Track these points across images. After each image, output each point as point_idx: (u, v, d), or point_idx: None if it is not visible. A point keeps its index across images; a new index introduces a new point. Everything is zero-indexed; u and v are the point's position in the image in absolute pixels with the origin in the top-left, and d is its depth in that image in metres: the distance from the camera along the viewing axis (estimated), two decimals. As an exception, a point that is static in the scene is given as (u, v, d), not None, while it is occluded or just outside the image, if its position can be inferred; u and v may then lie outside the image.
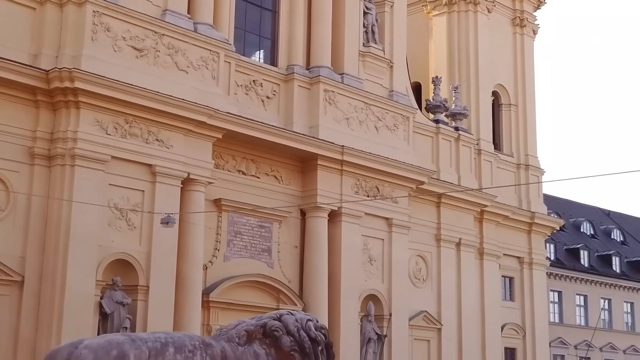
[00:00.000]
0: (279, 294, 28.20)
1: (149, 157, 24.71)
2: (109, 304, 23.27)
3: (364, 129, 31.17)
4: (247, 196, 28.00)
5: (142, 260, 24.19)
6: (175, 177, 25.20)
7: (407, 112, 32.92)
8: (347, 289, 29.45)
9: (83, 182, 23.19)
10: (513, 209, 37.37)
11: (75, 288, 22.57)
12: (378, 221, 31.04)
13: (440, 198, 34.05)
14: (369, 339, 30.03)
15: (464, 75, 37.79)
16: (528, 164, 39.10)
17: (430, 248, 33.92)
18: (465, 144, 36.07)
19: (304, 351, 11.94)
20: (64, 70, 23.13)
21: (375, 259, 30.84)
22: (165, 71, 25.50)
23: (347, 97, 30.76)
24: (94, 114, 23.75)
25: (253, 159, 28.60)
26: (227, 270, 27.27)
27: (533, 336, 37.58)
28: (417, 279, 33.26)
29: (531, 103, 40.14)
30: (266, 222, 28.76)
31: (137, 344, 10.31)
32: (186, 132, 25.62)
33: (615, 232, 57.19)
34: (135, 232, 24.26)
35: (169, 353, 10.54)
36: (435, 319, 33.26)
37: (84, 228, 22.97)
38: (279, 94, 29.39)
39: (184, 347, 10.77)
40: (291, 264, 29.23)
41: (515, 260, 38.00)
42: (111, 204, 23.80)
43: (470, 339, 34.33)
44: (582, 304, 48.87)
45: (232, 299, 26.89)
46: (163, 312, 24.14)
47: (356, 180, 30.52)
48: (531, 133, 39.79)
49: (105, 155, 23.71)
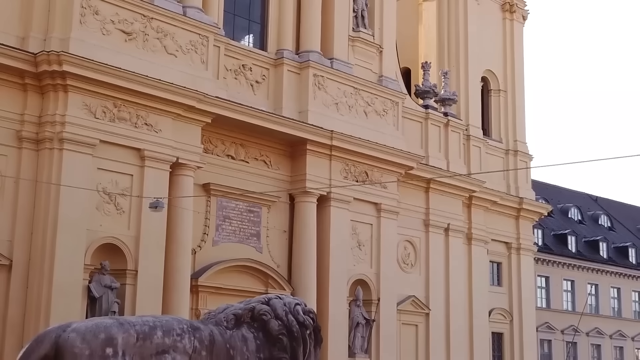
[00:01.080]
0: (268, 279, 28.26)
1: (138, 142, 24.65)
2: (97, 288, 23.25)
3: (353, 114, 31.17)
4: (236, 181, 27.99)
5: (131, 244, 24.17)
6: (164, 162, 25.15)
7: (397, 97, 32.93)
8: (336, 274, 29.53)
9: (71, 166, 23.12)
10: (501, 195, 37.51)
11: (63, 272, 22.54)
12: (367, 206, 31.10)
13: (429, 183, 34.13)
14: (357, 324, 30.15)
15: (453, 60, 37.79)
16: (517, 150, 39.21)
17: (418, 233, 34.03)
18: (454, 129, 36.13)
19: (292, 335, 12.00)
20: (52, 54, 23.00)
21: (363, 243, 30.93)
22: (154, 55, 25.39)
23: (337, 82, 30.74)
24: (82, 98, 23.64)
25: (242, 144, 28.57)
26: (215, 255, 27.29)
27: (520, 321, 37.81)
28: (406, 264, 33.37)
29: (520, 89, 40.22)
30: (255, 207, 28.78)
31: (125, 328, 10.35)
32: (175, 117, 25.55)
33: (603, 217, 57.48)
34: (123, 216, 24.22)
35: (157, 336, 10.58)
36: (424, 303, 33.42)
37: (72, 212, 22.93)
38: (268, 79, 29.34)
39: (172, 330, 10.81)
40: (280, 249, 29.28)
41: (503, 245, 38.18)
42: (99, 188, 23.74)
43: (458, 324, 34.52)
44: (569, 289, 49.17)
45: (221, 283, 26.93)
46: (151, 296, 24.14)
47: (345, 165, 30.55)
48: (520, 119, 39.90)
49: (93, 139, 23.62)
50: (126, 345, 10.23)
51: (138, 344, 10.35)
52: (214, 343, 11.16)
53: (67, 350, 9.92)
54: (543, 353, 46.02)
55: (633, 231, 58.66)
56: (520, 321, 37.79)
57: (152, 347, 10.48)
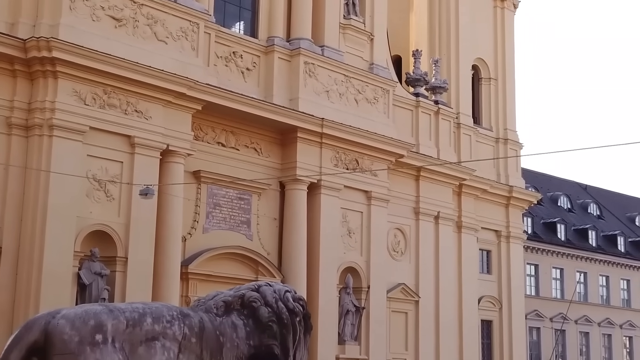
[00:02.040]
0: (258, 266, 28.28)
1: (128, 128, 24.59)
2: (87, 275, 23.23)
3: (344, 102, 31.16)
4: (226, 168, 27.98)
5: (121, 231, 24.15)
6: (154, 149, 25.10)
7: (387, 85, 32.91)
8: (326, 261, 29.59)
9: (61, 153, 23.06)
10: (491, 183, 37.59)
11: (53, 259, 22.52)
12: (357, 194, 31.14)
13: (419, 171, 34.17)
14: (347, 311, 30.24)
15: (444, 48, 37.78)
16: (507, 138, 39.27)
17: (409, 221, 34.09)
18: (445, 117, 36.16)
19: (281, 322, 12.01)
20: (41, 40, 22.89)
21: (354, 231, 30.98)
22: (144, 41, 25.30)
23: (328, 69, 30.70)
24: (72, 84, 23.56)
25: (233, 131, 28.53)
26: (206, 242, 27.29)
27: (509, 309, 37.97)
28: (396, 252, 33.45)
29: (511, 77, 40.24)
30: (245, 194, 28.77)
31: (114, 314, 10.34)
32: (165, 104, 25.49)
33: (592, 206, 57.70)
34: (113, 203, 24.19)
35: (147, 323, 10.57)
36: (413, 291, 33.52)
37: (62, 199, 22.88)
38: (259, 66, 29.28)
39: (162, 317, 10.80)
40: (270, 236, 29.30)
41: (492, 233, 38.29)
42: (89, 175, 23.70)
43: (448, 312, 34.64)
44: (558, 277, 49.38)
45: (211, 270, 26.94)
46: (141, 283, 24.15)
47: (336, 153, 30.56)
48: (510, 107, 39.94)
49: (83, 125, 23.56)
50: (116, 331, 10.22)
51: (128, 331, 10.35)
52: (203, 330, 11.16)
53: (57, 336, 9.90)
54: (532, 340, 46.27)
55: (622, 220, 58.94)
56: (510, 309, 37.95)
57: (142, 333, 10.48)
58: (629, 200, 63.43)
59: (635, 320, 52.69)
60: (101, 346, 10.02)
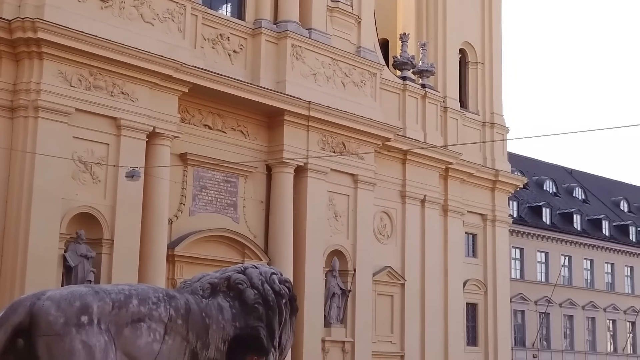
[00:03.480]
0: (244, 249, 28.31)
1: (114, 110, 24.49)
2: (73, 257, 23.20)
3: (331, 85, 31.12)
4: (213, 151, 27.93)
5: (107, 213, 24.10)
6: (140, 131, 25.02)
7: (374, 68, 32.88)
8: (312, 244, 29.65)
9: (46, 135, 22.95)
10: (477, 167, 37.69)
11: (38, 241, 22.46)
12: (344, 177, 31.17)
13: (406, 155, 34.20)
14: (333, 294, 30.34)
15: (431, 32, 37.75)
16: (493, 122, 39.34)
17: (395, 204, 34.16)
18: (432, 101, 36.17)
19: (267, 304, 12.03)
20: (26, 20, 22.72)
21: (340, 214, 31.02)
22: (130, 23, 25.15)
23: (315, 52, 30.63)
24: (57, 66, 23.41)
25: (219, 114, 28.46)
26: (192, 225, 27.28)
27: (494, 292, 38.17)
28: (382, 235, 33.53)
29: (497, 61, 40.28)
30: (232, 177, 28.74)
31: (100, 296, 10.32)
32: (152, 86, 25.38)
33: (577, 190, 57.96)
34: (99, 185, 24.12)
35: (133, 305, 10.57)
36: (399, 274, 33.64)
37: (47, 181, 22.79)
38: (246, 49, 29.18)
39: (148, 299, 10.79)
40: (257, 219, 29.31)
41: (478, 217, 38.43)
42: (75, 157, 23.61)
43: (433, 295, 34.80)
44: (543, 261, 49.66)
45: (197, 253, 26.94)
46: (128, 265, 24.13)
47: (322, 136, 30.54)
48: (497, 91, 39.99)
49: (69, 107, 23.44)
50: (101, 313, 10.21)
51: (113, 312, 10.34)
52: (189, 312, 11.16)
53: (42, 318, 9.88)
54: (516, 323, 46.57)
55: (607, 204, 59.27)
56: (495, 292, 38.16)
57: (128, 315, 10.47)
58: (614, 185, 63.78)
59: (618, 303, 53.12)
60: (87, 327, 10.01)
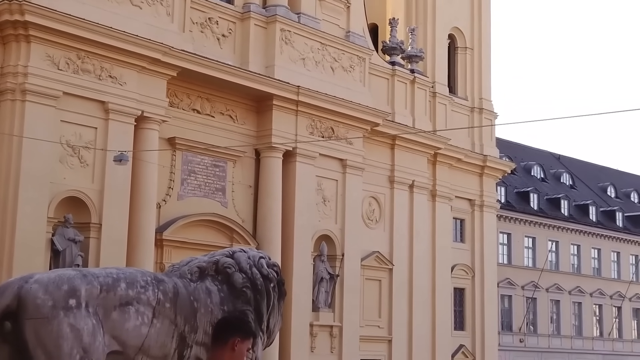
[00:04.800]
0: (233, 233, 28.32)
1: (102, 94, 24.40)
2: (61, 241, 23.16)
3: (320, 70, 31.07)
4: (201, 135, 27.87)
5: (95, 197, 24.05)
6: (128, 115, 24.94)
7: (363, 53, 32.85)
8: (301, 229, 29.69)
9: (34, 118, 22.85)
10: (466, 152, 37.76)
11: (26, 225, 22.40)
12: (332, 162, 31.19)
13: (395, 140, 34.23)
14: (322, 279, 30.42)
15: (420, 17, 37.70)
16: (482, 108, 39.39)
17: (383, 189, 34.22)
18: (421, 86, 36.18)
19: (255, 288, 12.06)
20: (13, 3, 22.56)
21: (329, 199, 31.06)
22: (118, 6, 25.01)
23: (304, 37, 30.56)
24: (45, 49, 23.29)
25: (208, 98, 28.39)
26: (180, 209, 27.26)
27: (482, 277, 38.36)
28: (370, 220, 33.60)
29: (486, 47, 40.28)
30: (220, 162, 28.71)
31: (88, 279, 10.33)
32: (140, 69, 25.29)
33: (565, 176, 58.15)
34: (87, 169, 24.06)
35: (121, 288, 10.58)
36: (387, 259, 33.74)
37: (35, 164, 22.72)
38: (234, 33, 29.08)
39: (136, 282, 10.81)
40: (245, 204, 29.31)
41: (466, 202, 38.54)
42: (63, 141, 23.52)
43: (421, 279, 34.93)
44: (530, 246, 49.89)
45: (186, 237, 26.94)
46: (116, 250, 24.12)
47: (311, 120, 30.52)
48: (486, 77, 40.02)
49: (56, 91, 23.34)
50: (89, 296, 10.22)
51: (101, 296, 10.35)
52: (177, 295, 11.19)
53: (30, 301, 9.88)
54: (503, 308, 46.82)
55: (594, 189, 59.52)
56: (482, 277, 38.34)
57: (116, 298, 10.49)
58: (601, 171, 64.03)
59: (605, 288, 53.47)
60: (75, 311, 10.02)
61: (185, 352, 11.15)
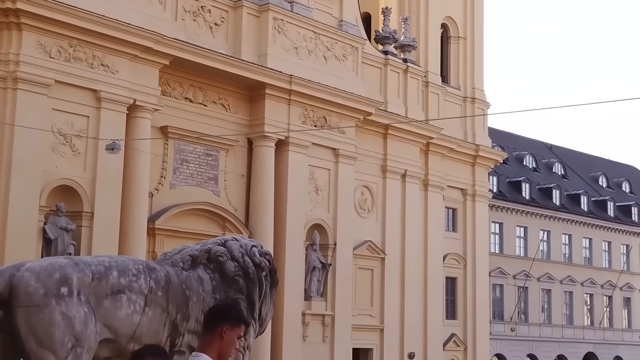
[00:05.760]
0: (225, 222, 28.33)
1: (94, 82, 24.34)
2: (53, 230, 23.14)
3: (313, 59, 31.04)
4: (194, 124, 27.83)
5: (87, 186, 24.03)
6: (120, 103, 24.89)
7: (356, 42, 32.81)
8: (293, 218, 29.71)
9: (26, 106, 22.79)
10: (458, 142, 37.80)
11: (18, 213, 22.37)
12: (325, 151, 31.19)
13: (387, 129, 34.24)
14: (314, 268, 30.48)
15: (413, 6, 37.66)
16: (474, 97, 39.41)
17: (376, 179, 34.24)
18: (413, 76, 36.17)
19: (248, 276, 12.11)
20: (5, -9, 22.45)
21: (321, 188, 31.08)
22: (110, -6, 24.90)
23: (297, 26, 30.50)
24: (36, 37, 23.21)
25: (200, 87, 28.34)
26: (173, 198, 27.25)
27: (474, 266, 38.47)
28: (363, 209, 33.64)
29: (479, 36, 40.27)
30: (213, 151, 28.70)
31: (80, 267, 10.35)
32: (132, 58, 25.21)
33: (557, 165, 58.26)
34: (79, 158, 24.02)
35: (113, 276, 10.61)
36: (379, 248, 33.81)
37: (26, 153, 22.67)
38: (227, 21, 29.00)
39: (128, 270, 10.84)
40: (237, 193, 29.32)
41: (458, 192, 38.61)
42: (55, 129, 23.47)
43: (413, 269, 35.02)
44: (522, 236, 50.01)
45: (178, 226, 26.94)
46: (108, 238, 24.11)
47: (304, 110, 30.51)
48: (478, 66, 40.03)
49: (48, 79, 23.27)
50: (81, 285, 10.25)
51: (93, 284, 10.38)
52: (169, 283, 11.22)
53: (21, 289, 9.91)
54: (495, 297, 46.98)
55: (586, 179, 59.67)
56: (474, 266, 38.46)
57: (108, 287, 10.52)
58: (593, 160, 64.18)
59: (596, 278, 53.68)
60: (66, 299, 10.05)
61: (177, 340, 11.19)
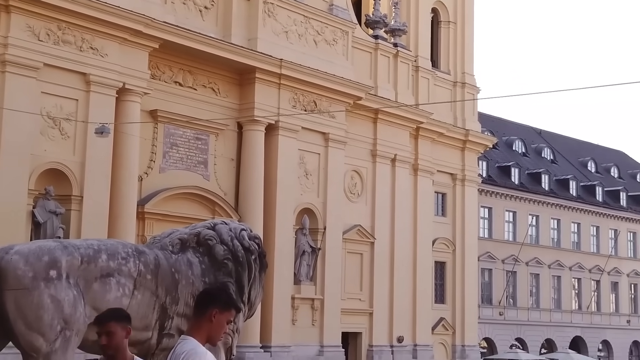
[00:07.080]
0: (215, 206, 28.33)
1: (83, 66, 24.24)
2: (42, 213, 23.10)
3: (303, 43, 30.97)
4: (183, 108, 27.77)
5: (76, 170, 23.97)
6: (110, 87, 24.80)
7: (347, 27, 32.75)
8: (283, 202, 29.73)
9: (14, 90, 22.69)
10: (448, 126, 37.84)
11: (6, 197, 22.31)
12: (315, 135, 31.19)
13: (377, 114, 34.25)
14: (303, 252, 30.54)
15: (404, -9, 37.54)
16: (464, 82, 39.43)
17: (365, 163, 34.27)
18: (404, 60, 36.15)
19: (237, 260, 12.14)
20: (-8, -27, 22.30)
21: (311, 173, 31.10)
22: (99, -23, 24.75)
23: (287, 9, 30.41)
24: (25, 19, 23.07)
25: (190, 71, 28.25)
26: (162, 182, 27.22)
27: (462, 251, 38.61)
28: (352, 194, 33.68)
29: (470, 21, 40.25)
30: (203, 135, 28.65)
31: (69, 250, 10.36)
32: (121, 41, 25.11)
33: (546, 150, 58.44)
34: (68, 141, 23.95)
35: (102, 260, 10.63)
36: (369, 233, 33.88)
37: (15, 136, 22.59)
38: (217, 5, 28.89)
39: (117, 254, 10.86)
40: (227, 177, 29.31)
41: (448, 176, 38.69)
42: (44, 113, 23.39)
43: (402, 253, 35.12)
44: (511, 220, 50.21)
45: (168, 210, 26.93)
46: (97, 222, 24.09)
47: (294, 94, 30.47)
48: (468, 51, 40.03)
49: (37, 62, 23.15)
50: (70, 268, 10.25)
51: (82, 267, 10.39)
52: (159, 267, 11.25)
53: (10, 272, 9.91)
54: (484, 282, 47.21)
55: (574, 164, 59.89)
56: (463, 251, 38.60)
57: (97, 270, 10.53)
58: (582, 145, 64.40)
59: (584, 262, 53.98)
60: (55, 282, 10.06)
61: (167, 323, 11.23)
